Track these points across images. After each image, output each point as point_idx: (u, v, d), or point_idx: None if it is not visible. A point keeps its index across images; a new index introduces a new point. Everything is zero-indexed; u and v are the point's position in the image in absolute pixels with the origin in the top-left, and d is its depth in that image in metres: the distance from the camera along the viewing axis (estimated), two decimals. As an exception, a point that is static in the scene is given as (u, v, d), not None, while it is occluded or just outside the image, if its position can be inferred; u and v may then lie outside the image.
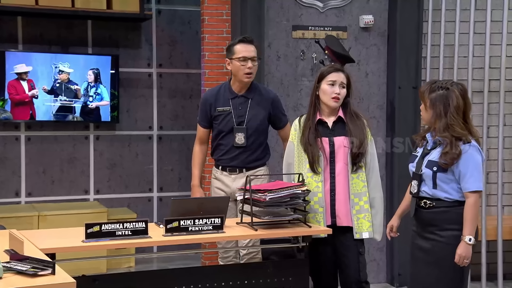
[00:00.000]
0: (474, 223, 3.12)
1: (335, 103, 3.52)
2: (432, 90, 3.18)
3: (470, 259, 3.11)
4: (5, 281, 2.31)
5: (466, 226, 3.10)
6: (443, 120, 3.13)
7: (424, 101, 3.22)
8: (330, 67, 3.62)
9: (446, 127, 3.12)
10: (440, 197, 3.18)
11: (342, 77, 3.53)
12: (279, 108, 4.07)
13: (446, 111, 3.13)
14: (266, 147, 4.10)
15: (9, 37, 5.72)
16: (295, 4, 5.05)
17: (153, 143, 6.15)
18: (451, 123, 3.11)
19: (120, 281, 3.25)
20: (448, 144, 3.10)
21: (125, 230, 3.12)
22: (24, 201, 5.82)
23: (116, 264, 5.57)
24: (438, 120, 3.15)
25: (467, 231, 3.09)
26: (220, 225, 3.30)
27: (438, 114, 3.14)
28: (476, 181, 3.11)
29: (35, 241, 2.97)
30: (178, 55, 6.13)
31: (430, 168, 3.17)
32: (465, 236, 3.09)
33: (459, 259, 3.09)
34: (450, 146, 3.10)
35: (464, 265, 3.11)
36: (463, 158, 3.10)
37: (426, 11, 5.13)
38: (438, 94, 3.15)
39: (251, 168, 4.00)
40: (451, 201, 3.16)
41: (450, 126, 3.11)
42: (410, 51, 5.10)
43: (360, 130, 3.53)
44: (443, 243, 3.16)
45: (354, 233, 3.51)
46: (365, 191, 3.54)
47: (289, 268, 3.48)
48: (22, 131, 5.81)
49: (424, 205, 3.22)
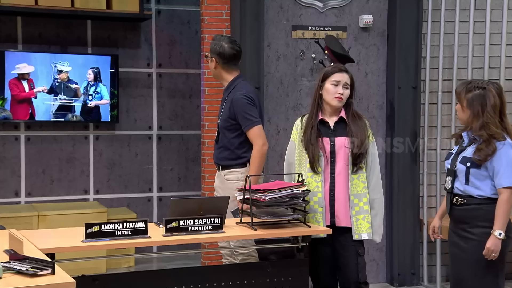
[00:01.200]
0: (505, 219, 3.17)
1: (338, 103, 3.51)
2: (468, 90, 3.24)
3: (498, 253, 3.15)
4: (5, 281, 2.30)
5: (497, 221, 3.16)
6: (481, 119, 3.20)
7: (460, 101, 3.27)
8: (334, 67, 3.61)
9: (482, 125, 3.19)
10: (471, 194, 3.24)
11: (346, 77, 3.52)
12: (239, 110, 3.89)
13: (483, 110, 3.20)
14: (241, 148, 3.95)
15: (8, 37, 5.72)
16: (294, 4, 5.04)
17: (152, 143, 6.15)
18: (487, 122, 3.18)
19: (119, 281, 3.25)
20: (484, 141, 3.17)
21: (125, 230, 3.11)
22: (23, 201, 5.82)
23: (116, 264, 5.56)
24: (476, 119, 3.21)
25: (498, 225, 3.15)
26: (219, 225, 3.29)
27: (476, 113, 3.21)
28: (510, 177, 3.17)
29: (35, 241, 2.96)
30: (178, 55, 6.13)
31: (464, 164, 3.24)
32: (495, 230, 3.15)
33: (487, 252, 3.15)
34: (486, 143, 3.17)
35: (492, 258, 3.16)
36: (497, 155, 3.17)
37: (425, 11, 5.13)
38: (475, 94, 3.22)
39: (224, 167, 3.98)
40: (482, 198, 3.22)
41: (486, 125, 3.18)
42: (409, 51, 5.10)
43: (361, 131, 3.52)
44: (475, 240, 3.22)
45: (353, 234, 3.50)
46: (365, 192, 3.53)
47: (288, 268, 3.48)
48: (22, 131, 5.81)
49: (456, 202, 3.29)
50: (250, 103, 3.88)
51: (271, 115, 5.05)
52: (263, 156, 3.87)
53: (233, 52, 4.00)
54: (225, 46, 3.98)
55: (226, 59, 3.99)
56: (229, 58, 3.99)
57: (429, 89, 5.15)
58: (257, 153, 3.85)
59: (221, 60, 3.99)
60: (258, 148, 3.85)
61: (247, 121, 3.86)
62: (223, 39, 4.04)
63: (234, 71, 4.04)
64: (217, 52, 3.98)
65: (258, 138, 3.85)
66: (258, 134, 3.86)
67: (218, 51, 3.98)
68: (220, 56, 3.98)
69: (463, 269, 3.29)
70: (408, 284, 5.15)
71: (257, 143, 3.85)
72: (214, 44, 4.03)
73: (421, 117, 5.17)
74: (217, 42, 4.03)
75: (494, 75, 4.63)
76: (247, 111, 3.87)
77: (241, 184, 3.72)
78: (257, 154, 3.85)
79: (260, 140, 3.86)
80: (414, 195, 5.14)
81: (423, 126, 5.17)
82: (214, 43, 4.05)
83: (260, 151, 3.85)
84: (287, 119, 5.05)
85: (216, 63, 4.01)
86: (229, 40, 4.04)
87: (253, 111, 3.88)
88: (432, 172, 5.15)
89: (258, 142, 3.85)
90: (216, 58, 4.00)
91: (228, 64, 4.00)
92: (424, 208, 5.13)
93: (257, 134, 3.85)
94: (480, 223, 3.22)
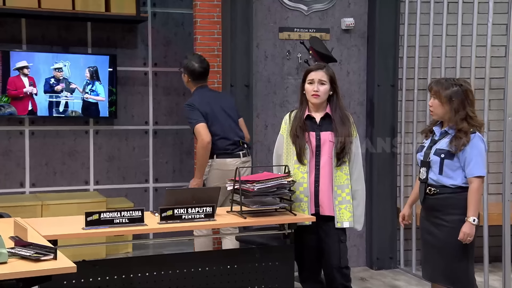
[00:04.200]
0: (477, 206, 3.21)
1: (315, 99, 3.52)
2: (446, 87, 3.26)
3: (473, 238, 3.19)
4: (10, 266, 2.30)
5: (470, 208, 3.19)
6: (461, 112, 3.22)
7: (439, 98, 3.28)
8: (311, 66, 3.65)
9: (464, 118, 3.21)
10: (444, 183, 3.26)
11: (320, 74, 3.52)
12: (185, 117, 4.43)
13: (464, 105, 3.22)
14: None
15: (13, 37, 5.68)
16: (281, 8, 5.04)
17: (149, 137, 6.13)
18: (470, 115, 3.22)
19: (118, 266, 3.24)
20: (462, 132, 3.20)
21: (123, 218, 3.11)
22: (28, 191, 5.79)
23: (115, 249, 5.56)
24: (456, 113, 3.23)
25: (471, 212, 3.19)
26: (211, 214, 3.30)
27: (456, 108, 3.23)
28: (480, 167, 3.21)
29: (39, 228, 2.95)
30: (172, 54, 6.10)
31: (438, 155, 3.26)
32: (469, 217, 3.18)
33: (463, 236, 3.18)
34: (463, 134, 3.20)
35: (468, 242, 3.19)
36: (469, 146, 3.20)
37: (402, 14, 5.14)
38: (453, 90, 3.25)
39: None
40: (454, 187, 3.25)
41: (469, 117, 3.22)
42: (388, 52, 5.12)
43: (345, 127, 3.52)
44: (448, 227, 3.25)
45: (336, 222, 3.52)
46: (348, 183, 3.53)
47: (275, 253, 3.49)
48: (26, 125, 5.78)
49: (429, 192, 3.30)
50: (189, 109, 4.31)
51: (260, 111, 5.05)
52: (204, 148, 4.25)
53: (201, 70, 4.42)
54: (196, 65, 4.40)
55: (195, 76, 4.42)
56: (199, 75, 4.42)
57: (406, 87, 5.17)
58: (198, 146, 4.28)
59: (191, 76, 4.42)
60: (199, 142, 4.26)
61: (190, 124, 4.33)
62: (194, 59, 4.45)
63: (201, 83, 4.45)
64: (189, 69, 4.41)
65: (198, 134, 4.26)
66: (198, 131, 4.25)
67: (190, 69, 4.41)
68: (191, 73, 4.41)
69: (436, 254, 3.31)
70: (386, 268, 5.18)
71: (198, 138, 4.27)
72: (187, 62, 4.44)
73: (399, 113, 5.19)
74: (189, 61, 4.43)
75: (465, 74, 4.64)
76: (188, 116, 4.33)
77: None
78: (198, 146, 4.28)
79: (200, 135, 4.25)
80: (392, 186, 5.17)
81: (400, 121, 5.19)
82: (187, 61, 4.45)
83: (200, 144, 4.25)
84: (275, 115, 5.05)
85: (187, 78, 4.44)
86: (199, 59, 4.44)
87: (192, 114, 4.29)
88: (408, 164, 5.17)
89: (198, 137, 4.26)
90: (187, 74, 4.43)
91: (197, 80, 4.43)
92: (401, 197, 5.16)
93: (197, 131, 4.26)
94: (452, 210, 3.25)
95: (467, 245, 3.21)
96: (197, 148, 4.31)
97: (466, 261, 3.27)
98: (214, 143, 4.28)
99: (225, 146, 4.34)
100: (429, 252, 3.36)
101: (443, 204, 3.27)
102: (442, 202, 3.27)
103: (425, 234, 3.38)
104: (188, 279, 3.26)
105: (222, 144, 4.33)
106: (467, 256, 3.27)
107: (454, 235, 3.20)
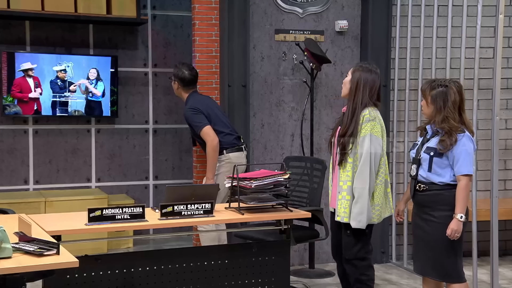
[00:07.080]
0: (465, 203, 3.20)
1: (342, 93, 3.59)
2: (432, 88, 3.26)
3: (460, 234, 3.18)
4: (14, 260, 2.29)
5: (458, 205, 3.18)
6: (442, 113, 3.22)
7: (425, 97, 3.29)
8: None
9: (443, 119, 3.21)
10: (433, 180, 3.25)
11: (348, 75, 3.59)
12: (189, 121, 4.46)
13: (445, 106, 3.22)
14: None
15: (18, 39, 5.65)
16: (277, 10, 5.03)
17: (149, 135, 6.11)
18: (447, 116, 3.21)
19: (119, 260, 3.23)
20: (446, 133, 3.20)
21: (124, 214, 3.10)
22: (32, 188, 5.77)
23: (116, 245, 5.53)
24: (438, 114, 3.23)
25: (459, 209, 3.18)
26: (210, 210, 3.28)
27: (438, 108, 3.23)
28: (468, 166, 3.19)
29: (42, 224, 2.93)
30: (172, 56, 6.08)
31: (428, 153, 3.26)
32: (457, 214, 3.17)
33: (451, 232, 3.17)
34: (448, 135, 3.19)
35: (455, 238, 3.18)
36: (457, 145, 3.19)
37: (394, 17, 5.13)
38: (438, 91, 3.24)
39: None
40: (443, 184, 3.24)
41: (446, 119, 3.21)
42: (380, 53, 5.11)
43: (351, 124, 3.43)
44: (436, 223, 3.24)
45: (336, 215, 3.51)
46: (346, 180, 3.48)
47: (272, 248, 3.48)
48: (30, 124, 5.75)
49: (419, 189, 3.29)
50: (194, 113, 4.38)
51: (256, 111, 5.03)
52: (215, 149, 4.33)
53: (191, 77, 4.53)
54: (186, 73, 4.51)
55: (185, 83, 4.52)
56: (188, 82, 4.52)
57: (398, 87, 5.16)
58: (209, 147, 4.33)
59: (181, 83, 4.53)
60: (209, 144, 4.32)
61: (196, 127, 4.38)
62: (184, 67, 4.54)
63: (192, 89, 4.56)
64: (179, 77, 4.52)
65: (206, 136, 4.32)
66: (206, 133, 4.32)
67: (180, 77, 4.51)
68: (181, 80, 4.52)
69: (426, 248, 3.31)
70: (378, 262, 5.18)
71: (207, 139, 4.33)
72: (177, 70, 4.54)
73: (391, 112, 5.18)
74: (179, 69, 4.53)
75: (455, 74, 4.64)
76: (193, 119, 4.38)
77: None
78: (209, 148, 4.33)
79: (209, 137, 4.32)
80: (384, 182, 5.15)
81: (392, 120, 5.18)
82: (177, 69, 4.55)
83: (211, 146, 4.32)
84: (271, 114, 5.04)
85: (178, 85, 4.54)
86: (188, 67, 4.55)
87: (197, 117, 4.36)
88: (400, 162, 5.17)
89: (208, 139, 4.32)
90: (178, 81, 4.53)
91: (187, 87, 4.53)
92: (393, 194, 5.15)
93: (205, 133, 4.33)
94: (441, 206, 3.24)
95: (455, 240, 3.21)
96: (207, 150, 4.36)
97: (454, 255, 3.26)
98: (221, 140, 4.38)
99: (232, 141, 4.46)
100: (420, 247, 3.35)
101: (432, 201, 3.26)
102: (431, 198, 3.27)
103: (416, 230, 3.38)
104: (187, 273, 3.25)
105: (228, 139, 4.45)
106: (456, 251, 3.26)
107: (443, 231, 3.20)
